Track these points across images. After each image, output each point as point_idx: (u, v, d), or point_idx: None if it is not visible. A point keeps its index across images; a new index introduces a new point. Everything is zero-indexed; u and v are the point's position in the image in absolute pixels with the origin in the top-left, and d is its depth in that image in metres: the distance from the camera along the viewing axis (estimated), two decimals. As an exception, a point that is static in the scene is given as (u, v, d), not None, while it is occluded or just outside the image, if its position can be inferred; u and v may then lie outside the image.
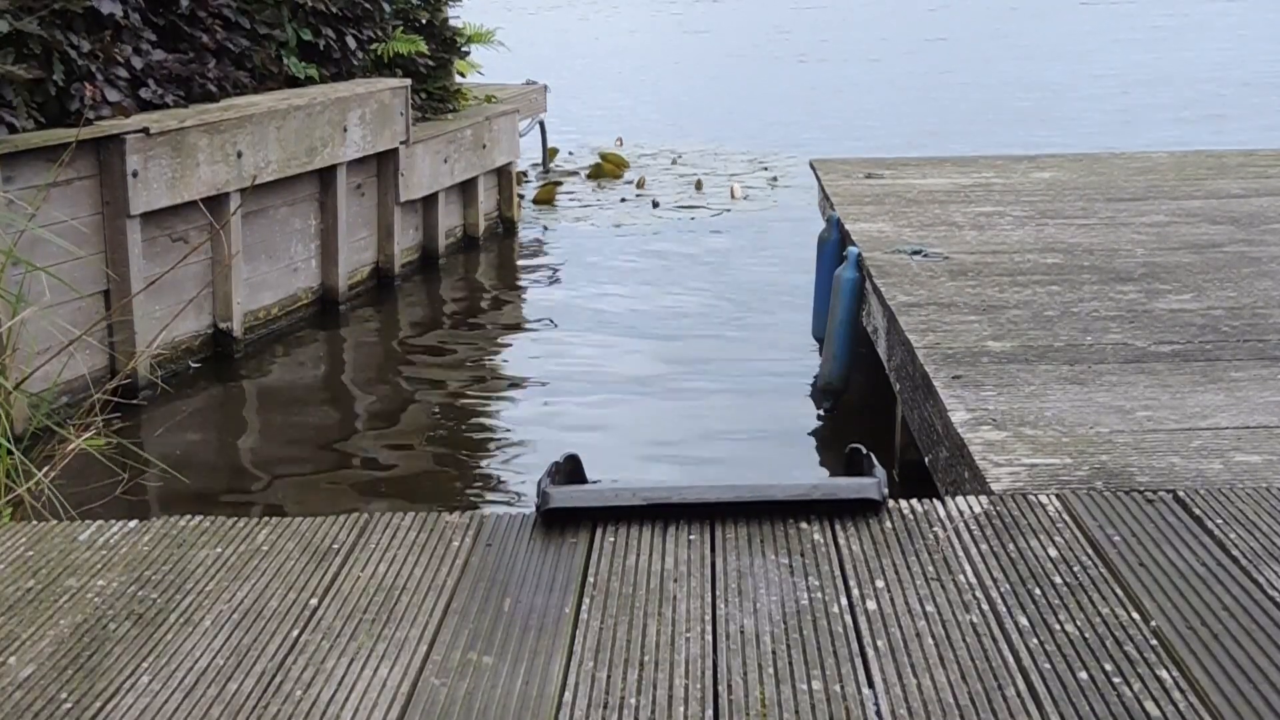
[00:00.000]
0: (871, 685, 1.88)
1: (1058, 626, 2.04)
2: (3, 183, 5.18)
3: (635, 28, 29.56)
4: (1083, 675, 1.90)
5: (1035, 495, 2.55)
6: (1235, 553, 2.28)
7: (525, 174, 11.29)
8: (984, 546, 2.32)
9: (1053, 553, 2.29)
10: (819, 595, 2.15)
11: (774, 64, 21.51)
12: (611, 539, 2.37)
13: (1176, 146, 9.56)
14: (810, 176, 7.67)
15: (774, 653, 1.98)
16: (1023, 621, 2.05)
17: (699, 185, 11.02)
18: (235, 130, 6.31)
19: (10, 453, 3.38)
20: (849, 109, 15.89)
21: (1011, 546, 2.32)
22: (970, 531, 2.38)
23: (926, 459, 3.74)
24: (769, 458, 5.23)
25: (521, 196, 10.14)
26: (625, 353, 6.64)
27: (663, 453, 5.30)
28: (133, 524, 2.48)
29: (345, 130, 7.16)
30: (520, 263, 8.92)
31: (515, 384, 6.31)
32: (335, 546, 2.37)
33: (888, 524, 2.41)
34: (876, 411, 5.12)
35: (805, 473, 5.05)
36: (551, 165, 12.01)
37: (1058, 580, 2.19)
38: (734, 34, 27.02)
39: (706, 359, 6.53)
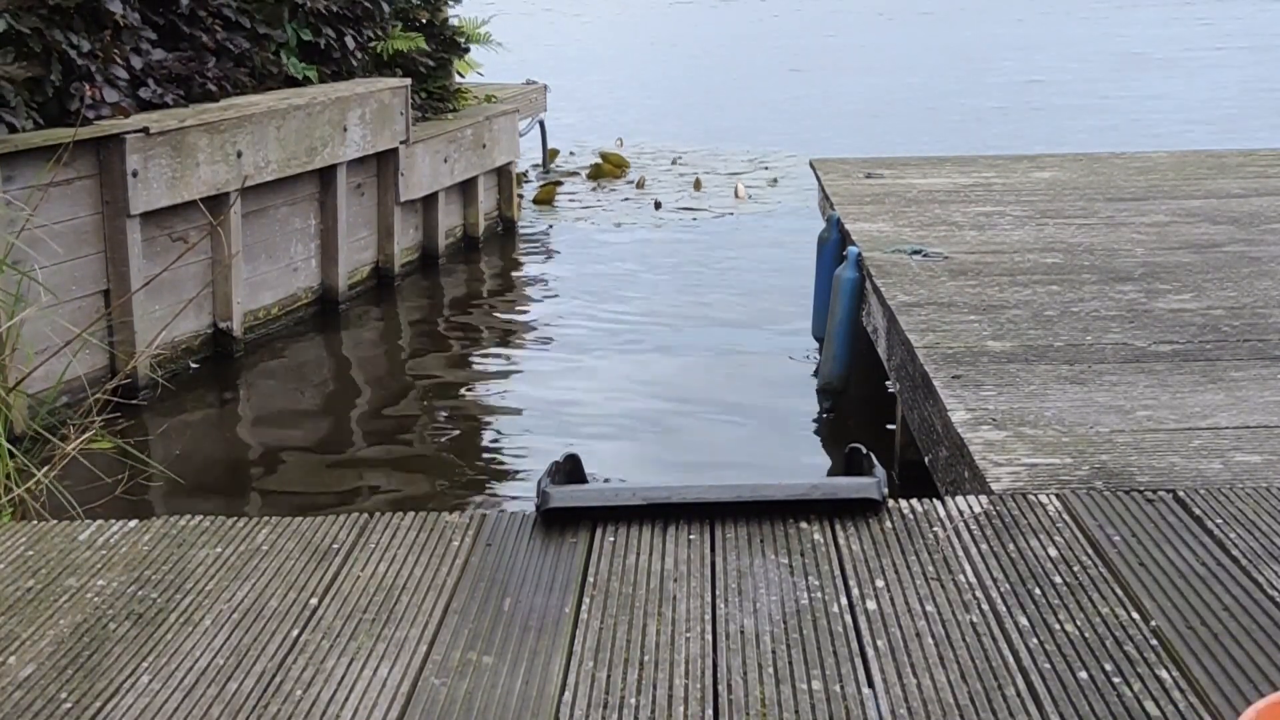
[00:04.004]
0: (871, 685, 1.88)
1: (1058, 626, 2.04)
2: (2, 182, 5.18)
3: (635, 27, 29.57)
4: (1083, 675, 1.90)
5: (1035, 495, 2.55)
6: (1235, 553, 2.28)
7: (525, 174, 11.29)
8: (984, 546, 2.32)
9: (1053, 553, 2.29)
10: (819, 595, 2.15)
11: (774, 63, 21.51)
12: (611, 539, 2.37)
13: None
14: (810, 176, 7.67)
15: (774, 653, 1.98)
16: (1023, 621, 2.05)
17: (698, 185, 11.02)
18: (235, 130, 6.31)
19: (10, 453, 3.38)
20: (850, 108, 15.89)
21: (1011, 546, 2.32)
22: (970, 531, 2.38)
23: (926, 459, 3.73)
24: (769, 458, 5.23)
25: (521, 196, 10.14)
26: (625, 352, 6.64)
27: (663, 453, 5.30)
28: (133, 524, 2.49)
29: (345, 130, 7.16)
30: (520, 263, 8.92)
31: (515, 384, 6.31)
32: (335, 546, 2.37)
33: (888, 524, 2.41)
34: (876, 411, 5.12)
35: (805, 473, 5.05)
36: (551, 165, 12.01)
37: (1058, 580, 2.19)
38: (734, 33, 27.03)
39: (706, 359, 6.53)
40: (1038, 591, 2.15)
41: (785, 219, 9.60)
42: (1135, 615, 2.07)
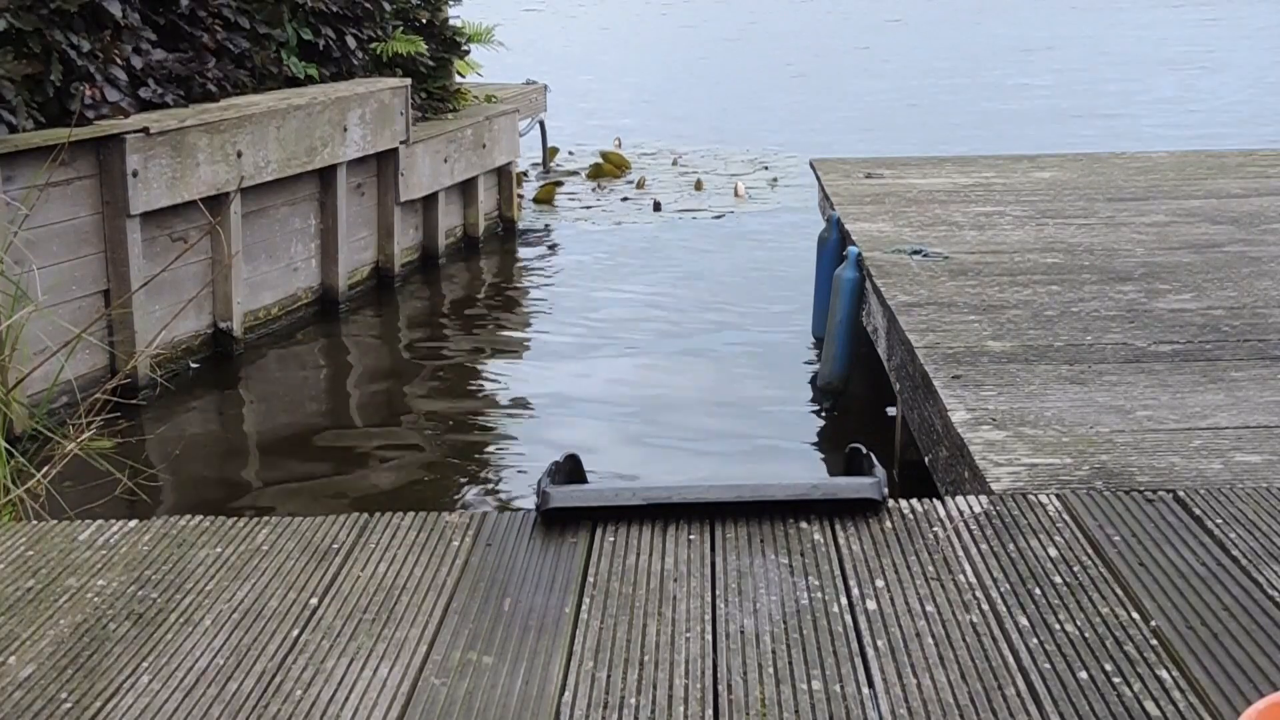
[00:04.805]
0: (871, 685, 1.88)
1: (1058, 626, 2.04)
2: (2, 182, 5.18)
3: (636, 28, 29.57)
4: (1083, 675, 1.90)
5: (1035, 495, 2.55)
6: (1235, 553, 2.28)
7: (525, 174, 11.29)
8: (984, 546, 2.32)
9: (1053, 553, 2.29)
10: (819, 595, 2.15)
11: (774, 64, 21.51)
12: (611, 539, 2.37)
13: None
14: (810, 176, 7.67)
15: (774, 653, 1.98)
16: (1023, 621, 2.05)
17: (698, 185, 11.02)
18: (235, 130, 6.31)
19: (10, 453, 3.38)
20: (851, 109, 15.89)
21: (1011, 546, 2.32)
22: (970, 531, 2.38)
23: (926, 459, 3.73)
24: (769, 458, 5.23)
25: (521, 196, 10.14)
26: (625, 352, 6.64)
27: (663, 453, 5.30)
28: (133, 524, 2.48)
29: (345, 130, 7.16)
30: (520, 263, 8.92)
31: (515, 384, 6.31)
32: (335, 546, 2.37)
33: (888, 524, 2.41)
34: (876, 411, 5.12)
35: (805, 473, 5.05)
36: (551, 165, 12.01)
37: (1058, 580, 2.19)
38: (733, 34, 27.03)
39: (706, 359, 6.53)
40: (1038, 591, 2.15)
41: (785, 219, 9.60)
42: (1135, 615, 2.07)
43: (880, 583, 2.18)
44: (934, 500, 2.51)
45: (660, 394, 6.02)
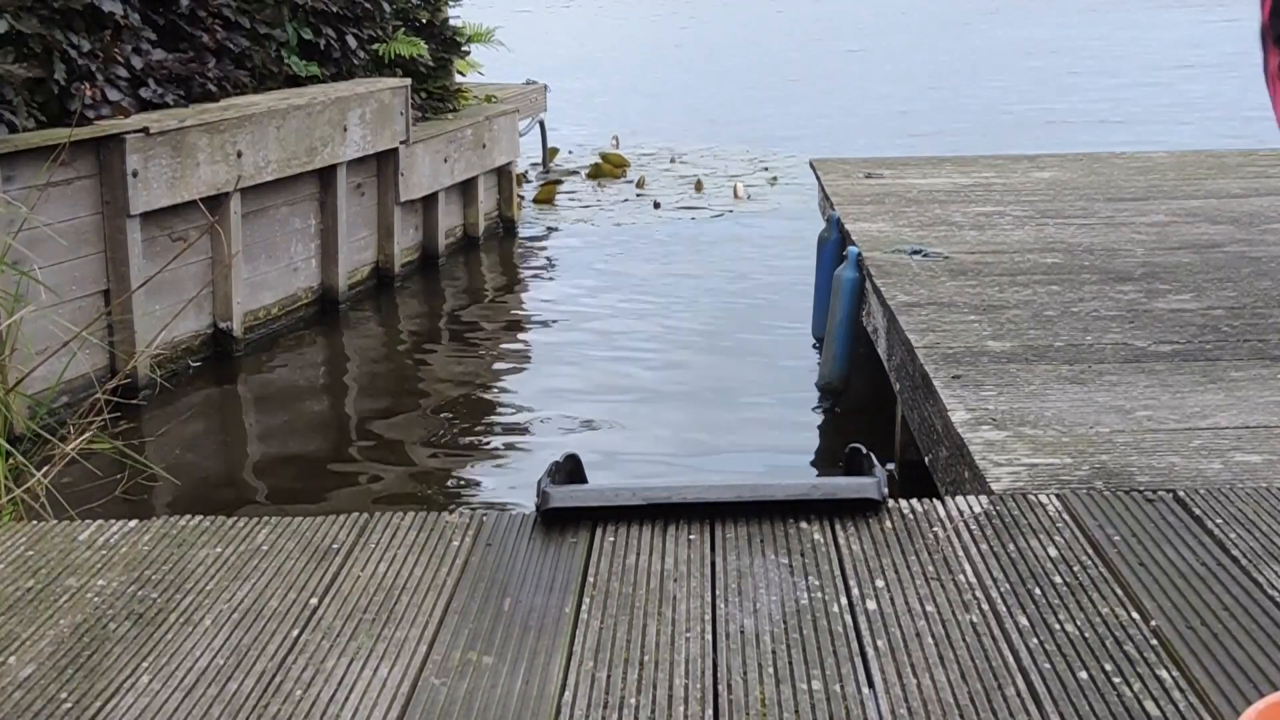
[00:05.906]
0: (871, 685, 1.88)
1: (1058, 626, 2.04)
2: (2, 182, 5.18)
3: (635, 27, 29.57)
4: (1083, 675, 1.90)
5: (1035, 495, 2.55)
6: (1235, 553, 2.28)
7: (525, 174, 11.29)
8: (984, 546, 2.32)
9: (1053, 552, 2.29)
10: (819, 595, 2.15)
11: (774, 64, 21.50)
12: (611, 539, 2.37)
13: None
14: (810, 176, 7.67)
15: (774, 653, 1.98)
16: (1023, 621, 2.05)
17: (699, 185, 11.03)
18: (235, 130, 6.30)
19: (10, 453, 3.38)
20: (851, 110, 15.89)
21: (1011, 546, 2.32)
22: (970, 531, 2.38)
23: (926, 459, 3.73)
24: (769, 458, 5.23)
25: (521, 196, 10.14)
26: (625, 352, 6.64)
27: (663, 453, 5.30)
28: (133, 524, 2.48)
29: (345, 130, 7.16)
30: (520, 263, 8.92)
31: (514, 384, 6.31)
32: (335, 546, 2.37)
33: (888, 524, 2.41)
34: (876, 411, 5.11)
35: (805, 473, 5.05)
36: (551, 165, 12.01)
37: (1058, 580, 2.19)
38: (734, 35, 27.03)
39: (706, 359, 6.53)
40: (1038, 591, 2.15)
41: (785, 219, 9.60)
42: (1135, 615, 2.07)
43: (880, 583, 2.18)
44: (934, 500, 2.51)
45: (660, 394, 6.02)
